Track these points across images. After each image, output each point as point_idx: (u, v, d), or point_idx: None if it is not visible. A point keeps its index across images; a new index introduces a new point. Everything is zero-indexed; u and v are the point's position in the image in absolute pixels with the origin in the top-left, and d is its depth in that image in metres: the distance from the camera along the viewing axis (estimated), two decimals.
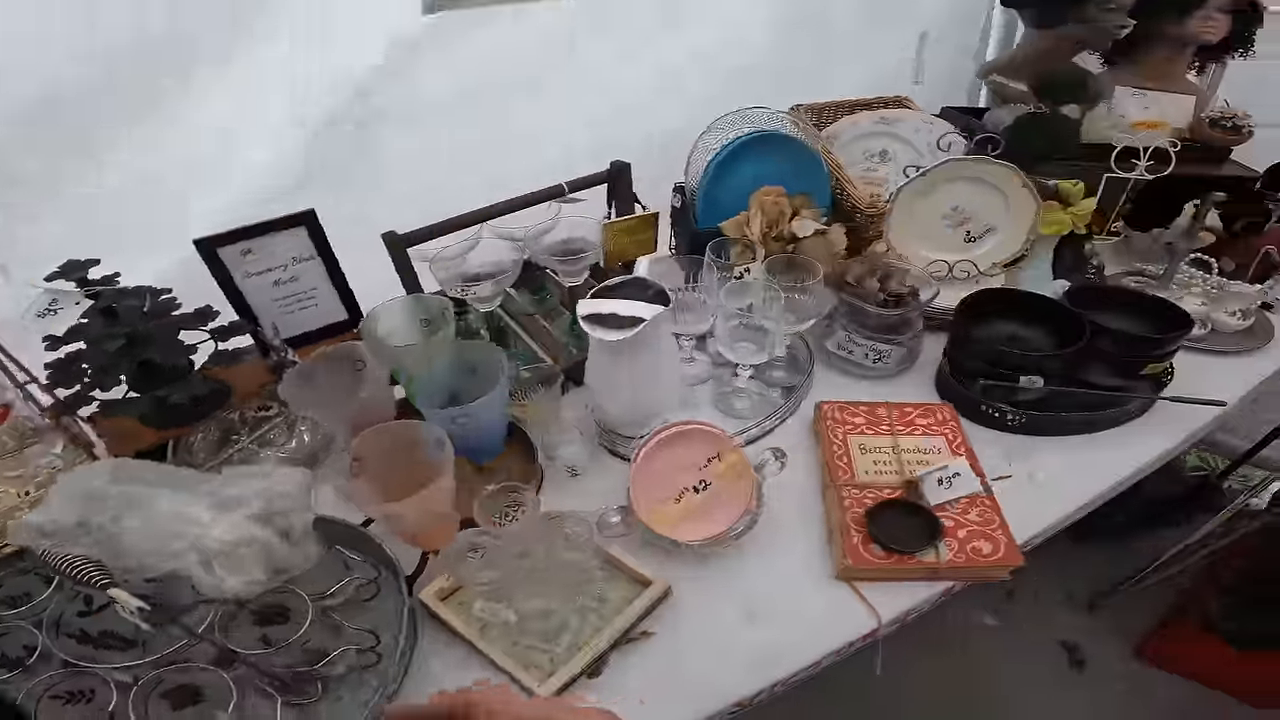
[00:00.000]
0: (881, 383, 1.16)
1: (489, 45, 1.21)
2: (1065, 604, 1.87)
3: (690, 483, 0.88)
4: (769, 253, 1.09)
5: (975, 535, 0.87)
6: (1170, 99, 1.42)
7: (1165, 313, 1.09)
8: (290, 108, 0.98)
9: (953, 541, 0.86)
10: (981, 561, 0.85)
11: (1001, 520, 0.89)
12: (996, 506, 0.91)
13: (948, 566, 0.84)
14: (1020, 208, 1.21)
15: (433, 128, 1.18)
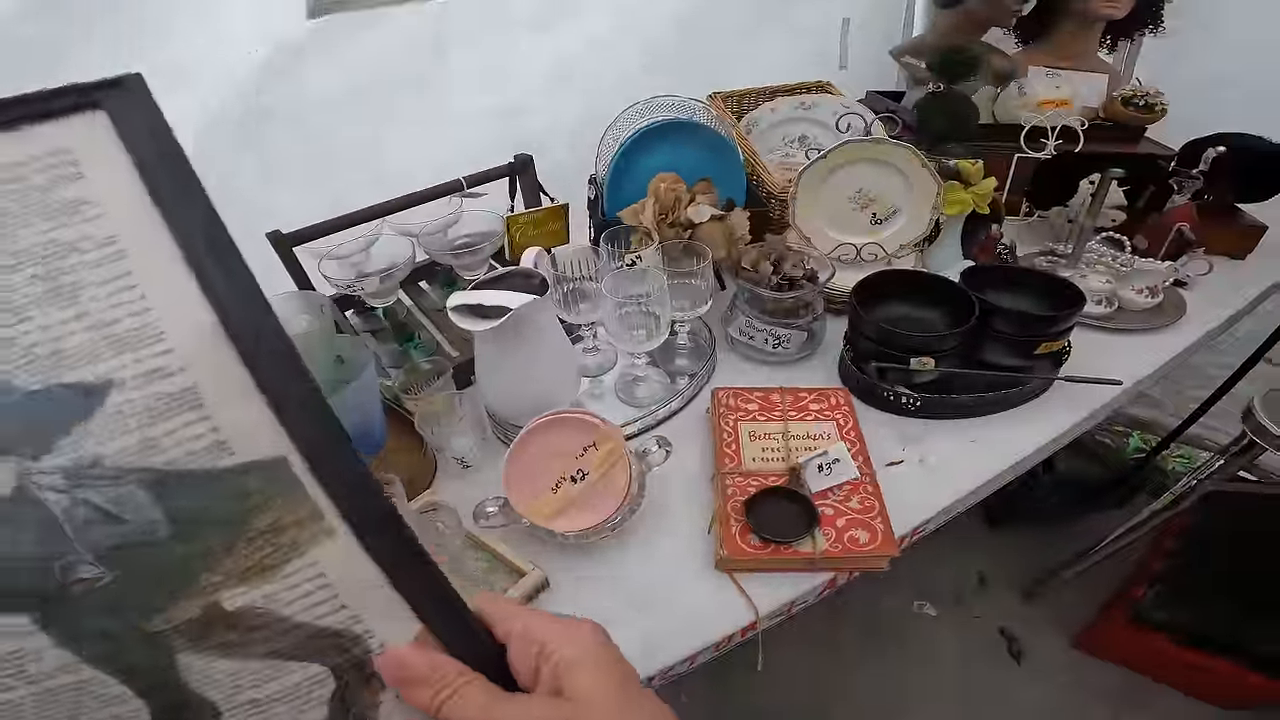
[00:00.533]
0: (783, 368, 1.15)
1: (378, 45, 1.19)
2: (1006, 590, 1.87)
3: (567, 472, 0.87)
4: (664, 239, 1.08)
5: (854, 524, 0.86)
6: (1083, 78, 1.40)
7: (1063, 291, 1.08)
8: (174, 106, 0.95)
9: (830, 530, 0.85)
10: (858, 551, 0.83)
11: (881, 508, 0.88)
12: (878, 493, 0.89)
13: (824, 556, 0.83)
14: (922, 188, 1.20)
15: (322, 126, 1.17)
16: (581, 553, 0.90)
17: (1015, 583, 1.87)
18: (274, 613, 0.38)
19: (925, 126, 1.30)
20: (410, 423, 0.98)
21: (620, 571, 0.88)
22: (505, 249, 1.16)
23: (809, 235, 1.25)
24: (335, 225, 1.01)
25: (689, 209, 1.09)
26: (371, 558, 0.38)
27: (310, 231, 0.99)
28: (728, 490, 0.91)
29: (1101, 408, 1.09)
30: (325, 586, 0.38)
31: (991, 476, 0.99)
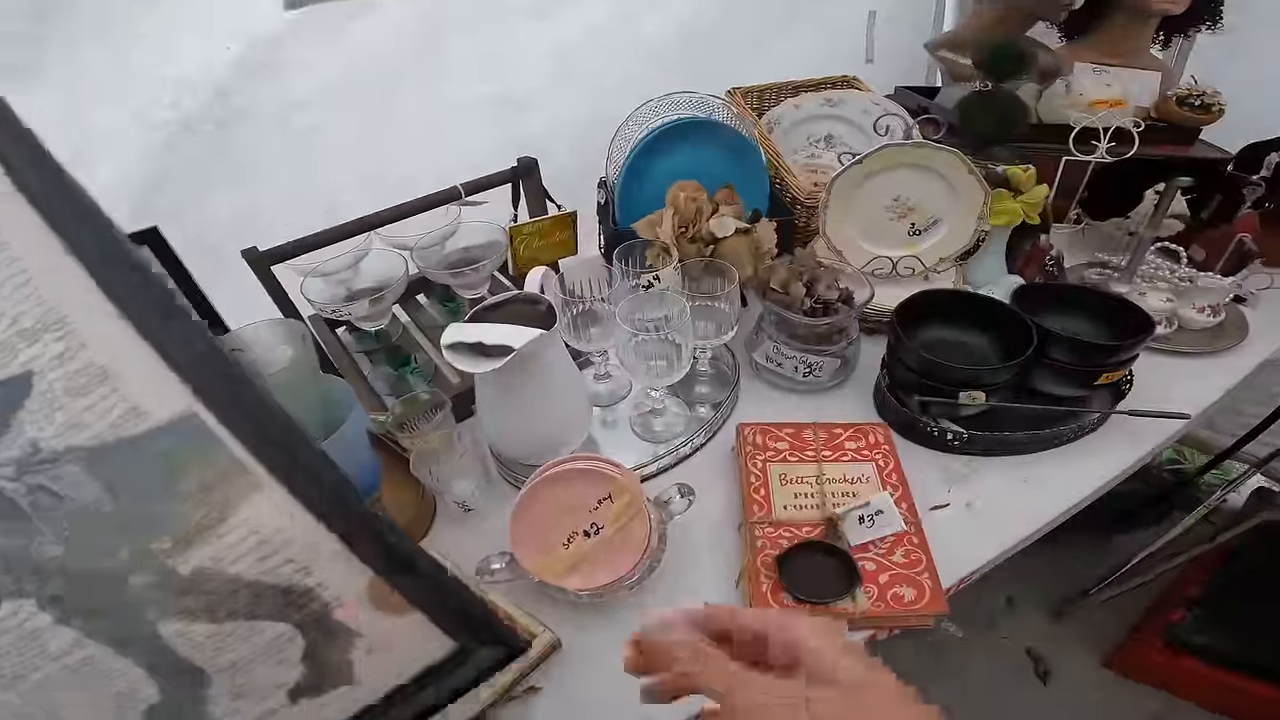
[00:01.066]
0: (814, 396, 1.04)
1: (364, 39, 1.07)
2: (1034, 611, 1.77)
3: (580, 526, 0.77)
4: (684, 256, 0.97)
5: (898, 580, 0.76)
6: (1133, 76, 1.28)
7: (1124, 313, 0.96)
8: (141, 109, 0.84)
9: (872, 588, 0.75)
10: (903, 609, 0.74)
11: (928, 562, 0.78)
12: (924, 545, 0.79)
13: (865, 616, 0.73)
14: (967, 197, 1.08)
15: (304, 128, 1.05)
16: (596, 611, 0.80)
17: (1044, 602, 1.77)
18: (223, 573, 0.39)
19: (969, 128, 1.18)
20: (406, 458, 0.88)
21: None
22: (508, 262, 1.05)
23: (840, 247, 1.13)
24: (319, 240, 0.90)
25: (712, 221, 0.97)
26: (307, 508, 0.39)
27: (291, 248, 0.88)
28: (757, 542, 0.80)
29: (1163, 442, 0.98)
30: (264, 542, 0.39)
31: (1046, 521, 0.89)
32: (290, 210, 0.90)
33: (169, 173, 0.93)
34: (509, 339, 0.72)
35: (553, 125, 1.23)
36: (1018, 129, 1.17)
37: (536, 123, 1.23)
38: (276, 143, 1.02)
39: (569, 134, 1.22)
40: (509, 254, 1.03)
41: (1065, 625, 1.72)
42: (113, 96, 0.89)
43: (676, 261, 0.93)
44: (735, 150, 1.15)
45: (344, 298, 0.97)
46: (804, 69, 1.43)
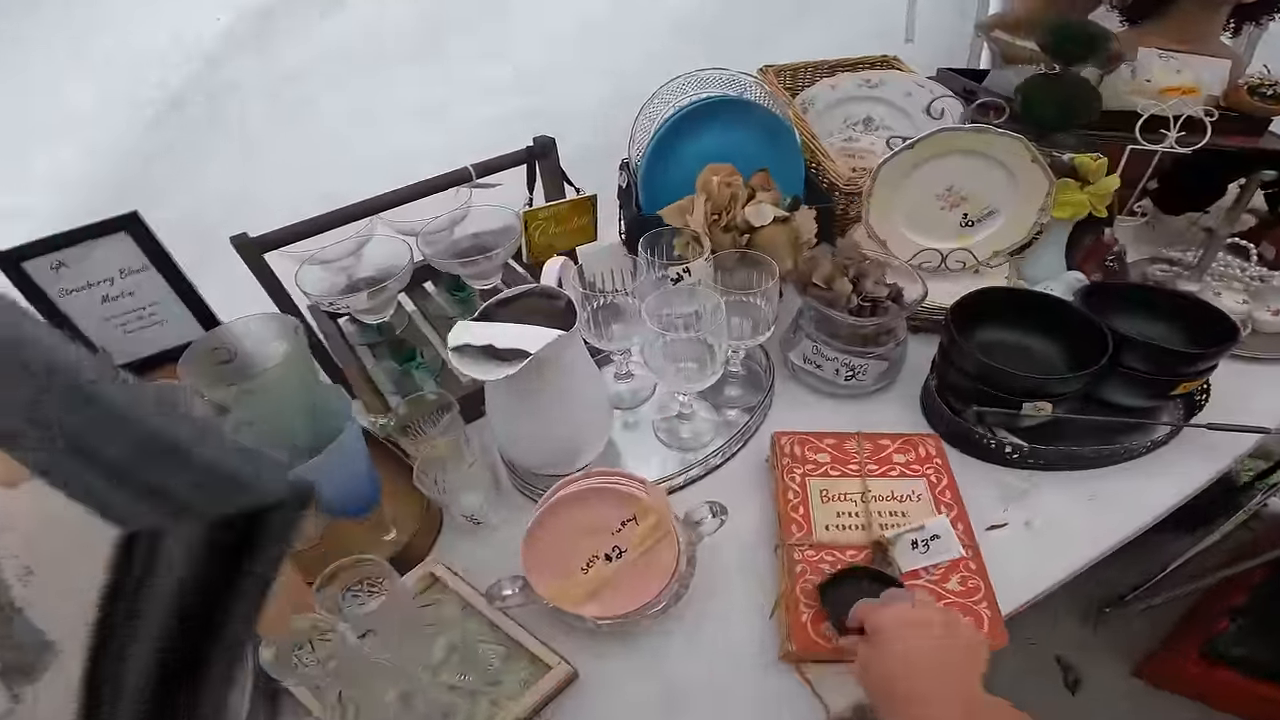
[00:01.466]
0: (855, 401, 0.94)
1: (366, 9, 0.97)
2: (1066, 616, 1.67)
3: (601, 550, 0.68)
4: (717, 246, 0.87)
5: (954, 609, 0.67)
6: (1203, 63, 1.16)
7: (1201, 317, 0.86)
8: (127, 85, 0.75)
9: None
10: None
11: (987, 590, 0.69)
12: (982, 571, 0.71)
13: None
14: (1028, 187, 0.98)
15: (301, 104, 0.95)
16: (617, 639, 0.71)
17: (1075, 607, 1.68)
18: None
19: (1033, 113, 1.06)
20: (410, 464, 0.79)
21: (664, 663, 0.70)
22: (522, 249, 0.95)
23: (884, 238, 1.03)
24: (316, 226, 0.81)
25: (747, 209, 0.87)
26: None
27: (286, 234, 0.79)
28: (796, 567, 0.71)
29: (1240, 455, 0.88)
30: None
31: (1116, 540, 0.79)
32: (286, 191, 0.81)
33: (157, 152, 0.84)
34: (524, 341, 0.63)
35: (573, 102, 1.13)
36: (1087, 116, 1.05)
37: (555, 99, 1.13)
38: (269, 118, 0.93)
39: (590, 112, 1.12)
40: (523, 240, 0.94)
41: (1097, 632, 1.63)
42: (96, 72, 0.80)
43: (709, 252, 0.84)
44: (769, 132, 1.05)
45: (345, 287, 0.89)
46: (836, 48, 1.32)
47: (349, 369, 0.89)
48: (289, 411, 0.66)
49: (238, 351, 0.71)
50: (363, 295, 0.77)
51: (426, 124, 1.02)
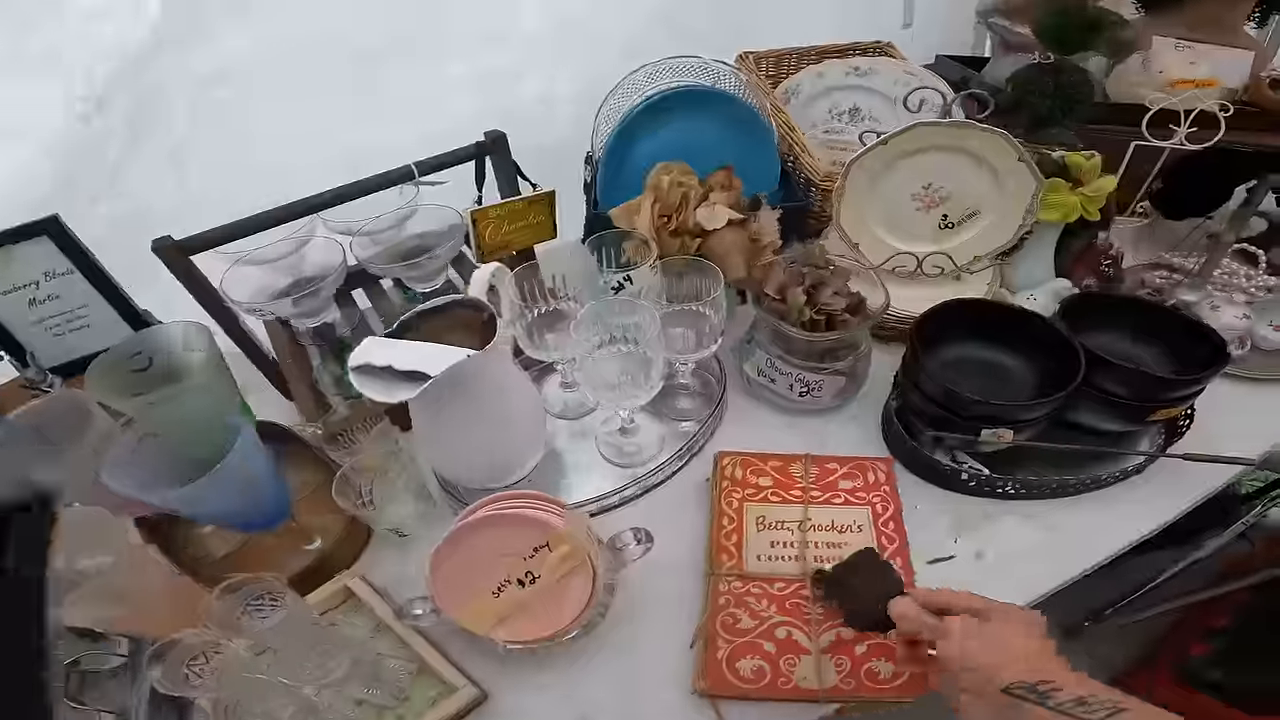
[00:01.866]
0: (812, 418, 0.89)
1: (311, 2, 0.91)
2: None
3: (514, 574, 0.65)
4: (665, 251, 0.82)
5: (879, 652, 0.63)
6: (1224, 54, 1.05)
7: (1192, 335, 0.78)
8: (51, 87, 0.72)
9: (844, 660, 0.63)
10: (876, 690, 0.61)
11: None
12: None
13: (830, 693, 0.61)
14: (1014, 186, 0.90)
15: (236, 102, 0.90)
16: (532, 662, 0.69)
17: (1054, 621, 1.60)
18: None
19: (1024, 106, 0.98)
20: None
21: (578, 689, 0.67)
22: (475, 249, 0.91)
23: (856, 240, 0.96)
24: (248, 226, 0.77)
25: (700, 211, 0.81)
26: None
27: (215, 236, 0.75)
28: (720, 599, 0.68)
29: (1219, 487, 0.81)
30: None
31: (1066, 579, 0.74)
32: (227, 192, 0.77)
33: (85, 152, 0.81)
34: (425, 364, 0.59)
35: (546, 94, 1.06)
36: (1081, 110, 0.96)
37: (525, 93, 1.07)
38: (203, 119, 0.89)
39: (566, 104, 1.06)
40: (474, 240, 0.90)
41: (1074, 647, 1.55)
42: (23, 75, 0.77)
43: (654, 259, 0.78)
44: (741, 124, 0.98)
45: (288, 286, 0.86)
46: (829, 33, 1.23)
47: (289, 373, 0.86)
48: (196, 424, 0.64)
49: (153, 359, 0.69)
50: (287, 302, 0.74)
51: (389, 123, 0.97)
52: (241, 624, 0.60)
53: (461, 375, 0.64)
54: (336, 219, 0.85)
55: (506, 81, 1.04)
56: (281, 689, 0.59)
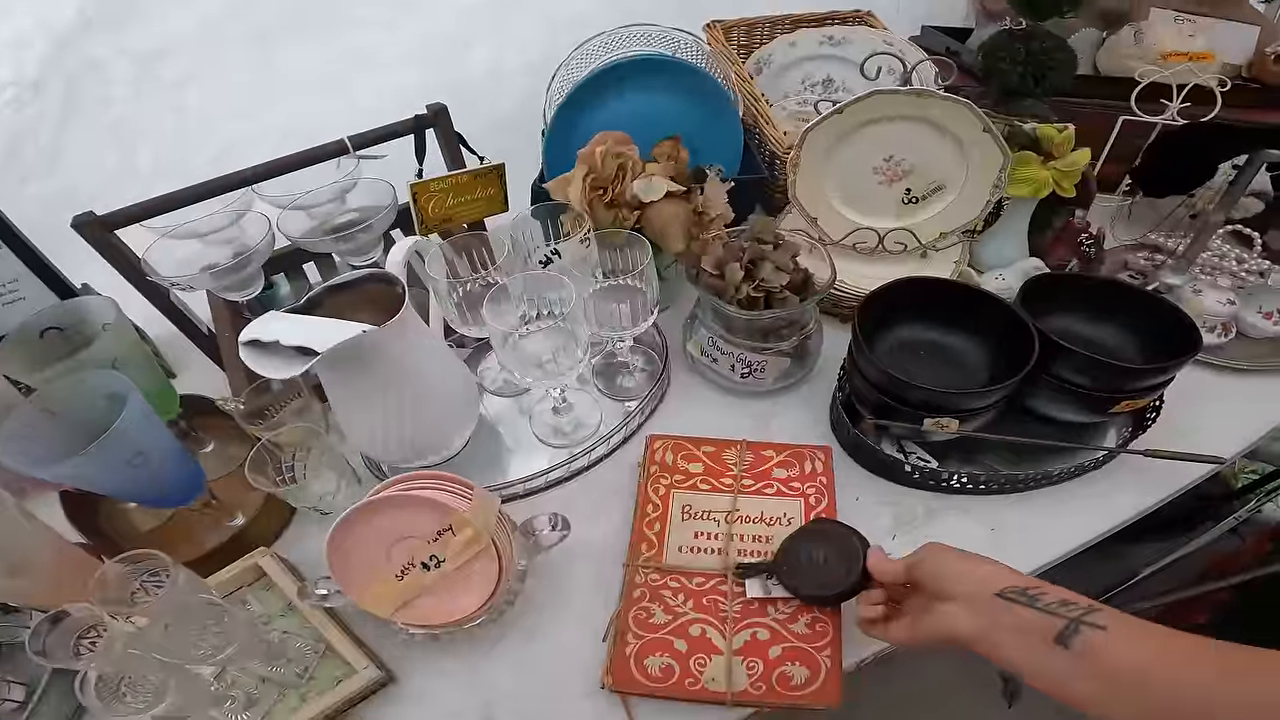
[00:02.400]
0: (758, 400, 0.84)
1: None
2: None
3: (418, 557, 0.62)
4: (600, 224, 0.77)
5: (792, 655, 0.59)
6: (1227, 28, 0.96)
7: (1166, 320, 0.72)
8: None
9: (756, 663, 0.59)
10: (786, 696, 0.57)
11: (835, 636, 0.60)
12: (836, 615, 0.62)
13: (739, 697, 0.57)
14: (981, 160, 0.84)
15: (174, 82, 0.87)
16: (440, 647, 0.66)
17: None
18: None
19: (993, 75, 0.90)
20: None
21: (485, 676, 0.65)
22: (418, 224, 0.87)
23: (814, 214, 0.90)
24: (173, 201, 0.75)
25: (636, 183, 0.77)
26: None
27: (138, 210, 0.73)
28: (635, 591, 0.64)
29: (1185, 485, 0.75)
30: None
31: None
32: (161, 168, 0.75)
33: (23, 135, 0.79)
34: (315, 339, 0.56)
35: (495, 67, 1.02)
36: (1056, 80, 0.88)
37: (476, 63, 1.02)
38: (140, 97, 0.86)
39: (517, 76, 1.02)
40: (415, 214, 0.86)
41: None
42: None
43: (585, 232, 0.74)
44: (702, 95, 0.92)
45: (228, 260, 0.83)
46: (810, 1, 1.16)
47: (225, 345, 0.84)
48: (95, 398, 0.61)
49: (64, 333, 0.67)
50: (207, 276, 0.72)
51: (328, 98, 0.93)
52: (135, 599, 0.58)
53: (363, 351, 0.61)
54: (278, 193, 0.82)
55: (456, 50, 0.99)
56: (165, 666, 0.57)
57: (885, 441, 0.76)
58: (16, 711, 0.62)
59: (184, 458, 0.65)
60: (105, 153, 0.79)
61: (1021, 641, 0.45)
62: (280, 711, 0.63)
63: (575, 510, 0.69)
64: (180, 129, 0.84)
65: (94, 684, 0.52)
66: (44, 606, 0.66)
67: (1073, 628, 0.43)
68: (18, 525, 0.57)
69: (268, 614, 0.69)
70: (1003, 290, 0.85)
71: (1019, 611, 0.45)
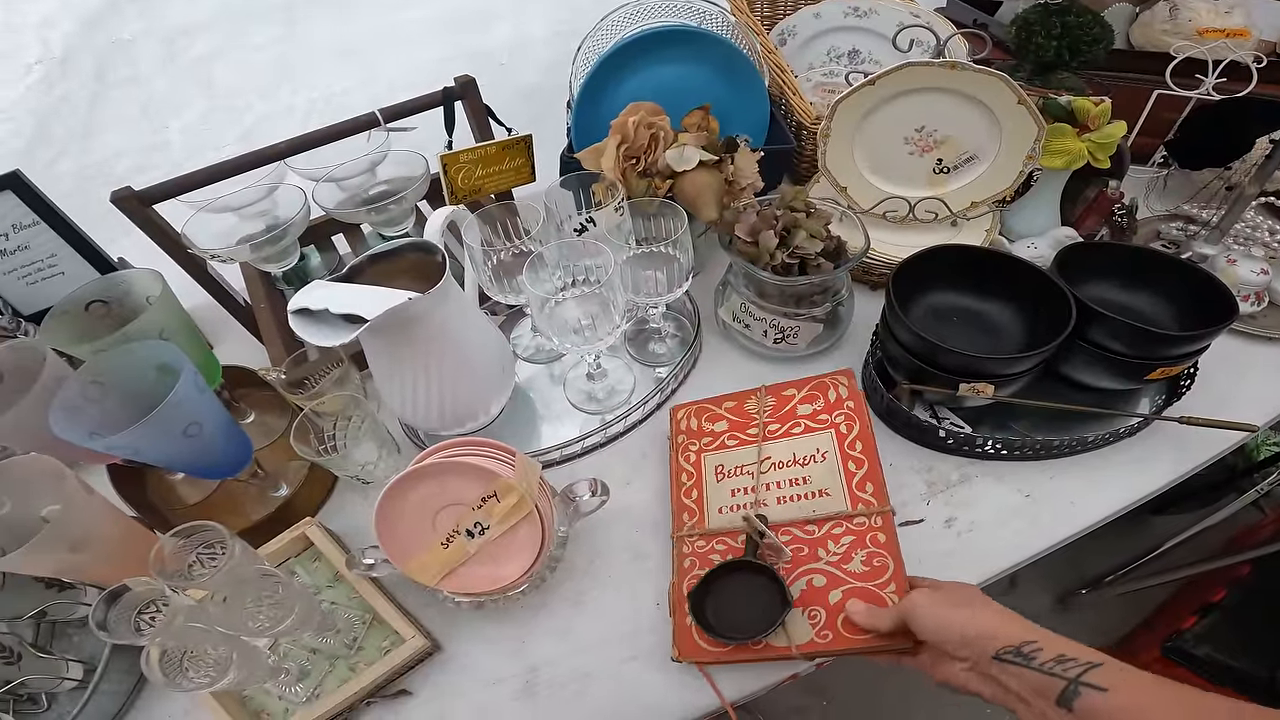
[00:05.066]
0: (788, 364, 0.83)
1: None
2: (1040, 594, 1.52)
3: (463, 525, 0.61)
4: (633, 193, 0.76)
5: (856, 595, 0.55)
6: (1265, 5, 0.93)
7: (1201, 288, 0.70)
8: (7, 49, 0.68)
9: (817, 612, 0.56)
10: (855, 641, 0.54)
11: (898, 568, 0.56)
12: (893, 544, 0.58)
13: (804, 649, 0.55)
14: (1015, 131, 0.81)
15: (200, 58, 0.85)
16: (484, 615, 0.66)
17: (1052, 585, 1.52)
18: None
19: (1027, 50, 0.88)
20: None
21: (528, 644, 0.65)
22: (448, 194, 0.86)
23: (844, 184, 0.89)
24: (208, 176, 0.73)
25: (669, 152, 0.75)
26: None
27: (174, 185, 0.72)
28: (685, 561, 0.63)
29: (1218, 453, 0.74)
30: None
31: (1035, 552, 0.67)
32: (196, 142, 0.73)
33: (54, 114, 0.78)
34: (363, 307, 0.55)
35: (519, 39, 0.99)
36: (1092, 53, 0.86)
37: (498, 37, 0.99)
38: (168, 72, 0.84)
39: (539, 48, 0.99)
40: (446, 186, 0.85)
41: (1070, 613, 1.48)
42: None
43: (619, 200, 0.72)
44: (728, 66, 0.90)
45: (262, 232, 0.82)
46: None
47: (261, 316, 0.83)
48: (144, 369, 0.61)
49: (110, 306, 0.67)
50: (246, 248, 0.71)
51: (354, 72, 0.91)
52: (192, 572, 0.58)
53: (406, 319, 0.60)
54: (309, 166, 0.81)
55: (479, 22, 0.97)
56: (226, 639, 0.57)
57: (918, 407, 0.75)
58: (77, 690, 0.62)
59: (233, 428, 0.65)
60: (135, 129, 0.78)
61: (1029, 705, 0.43)
62: (331, 682, 0.63)
63: (610, 475, 0.68)
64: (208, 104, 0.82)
65: (158, 660, 0.52)
66: (101, 582, 0.66)
67: (1073, 689, 0.40)
68: (81, 499, 0.57)
69: (316, 585, 0.69)
70: (1035, 258, 0.83)
71: (1019, 673, 0.43)
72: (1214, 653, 1.14)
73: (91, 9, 0.76)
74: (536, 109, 0.97)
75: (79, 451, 0.67)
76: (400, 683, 0.63)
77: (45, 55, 0.78)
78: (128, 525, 0.63)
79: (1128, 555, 1.39)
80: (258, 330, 0.85)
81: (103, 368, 0.60)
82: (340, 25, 0.93)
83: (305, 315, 0.57)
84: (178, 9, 0.81)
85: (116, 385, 0.60)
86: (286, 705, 0.62)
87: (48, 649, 0.63)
